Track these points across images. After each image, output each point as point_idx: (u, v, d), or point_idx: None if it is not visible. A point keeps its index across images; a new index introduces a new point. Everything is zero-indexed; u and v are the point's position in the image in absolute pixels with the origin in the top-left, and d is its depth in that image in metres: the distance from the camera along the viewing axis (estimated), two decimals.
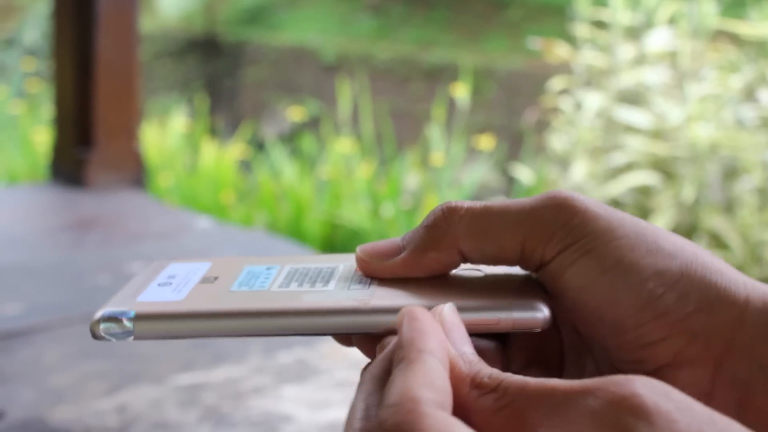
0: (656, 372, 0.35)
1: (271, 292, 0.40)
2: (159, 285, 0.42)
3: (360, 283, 0.40)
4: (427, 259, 0.39)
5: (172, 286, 0.42)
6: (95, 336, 0.39)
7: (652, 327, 0.34)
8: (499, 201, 0.38)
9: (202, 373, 1.10)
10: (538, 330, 0.36)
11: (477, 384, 0.31)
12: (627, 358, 0.36)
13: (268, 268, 0.43)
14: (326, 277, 0.41)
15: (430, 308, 0.36)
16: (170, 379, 1.08)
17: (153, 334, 0.39)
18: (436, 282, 0.40)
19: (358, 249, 0.41)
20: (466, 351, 0.33)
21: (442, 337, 0.33)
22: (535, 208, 0.37)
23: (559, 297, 0.37)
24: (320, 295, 0.39)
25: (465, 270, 0.41)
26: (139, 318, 0.39)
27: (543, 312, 0.36)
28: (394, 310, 0.37)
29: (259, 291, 0.40)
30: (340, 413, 0.98)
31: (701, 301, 0.35)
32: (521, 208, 0.37)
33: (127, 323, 0.39)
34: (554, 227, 0.36)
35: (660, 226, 0.38)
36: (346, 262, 0.43)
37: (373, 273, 0.41)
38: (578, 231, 0.36)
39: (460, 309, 0.36)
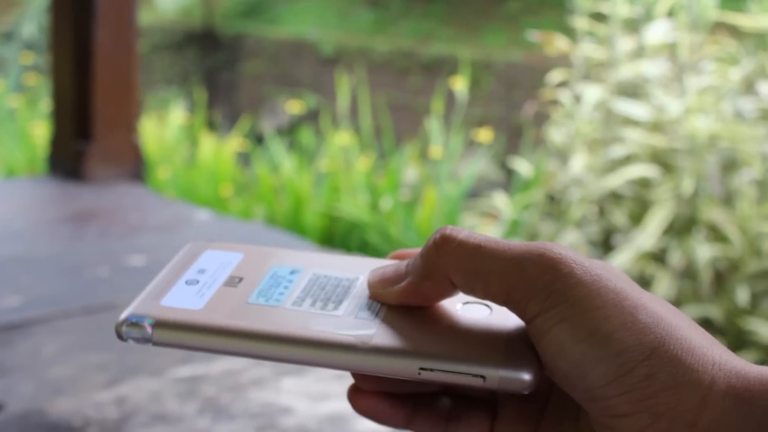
0: None
1: (283, 310, 0.41)
2: (186, 283, 0.44)
3: (369, 309, 0.41)
4: (424, 288, 0.40)
5: (198, 285, 0.43)
6: (120, 337, 0.41)
7: (617, 402, 0.35)
8: (492, 241, 0.38)
9: (201, 365, 1.10)
10: (525, 392, 0.37)
11: None
12: (599, 421, 0.36)
13: (291, 272, 0.44)
14: (341, 295, 0.43)
15: (421, 353, 0.38)
16: (169, 372, 1.08)
17: (169, 342, 0.41)
18: (439, 317, 0.41)
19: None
20: None
21: None
22: (522, 263, 0.37)
23: (541, 355, 0.37)
24: (326, 322, 0.40)
25: (473, 303, 0.42)
26: (157, 325, 0.41)
27: (527, 376, 0.37)
28: (392, 352, 0.38)
29: (272, 307, 0.42)
30: (338, 405, 0.98)
31: (668, 380, 0.34)
32: (510, 257, 0.37)
33: (147, 329, 0.41)
34: (536, 288, 0.36)
35: (643, 291, 0.38)
36: (365, 273, 0.44)
37: (379, 299, 0.42)
38: (557, 296, 0.36)
39: (449, 359, 0.38)
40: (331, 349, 0.39)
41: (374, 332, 0.39)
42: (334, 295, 0.42)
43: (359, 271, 0.44)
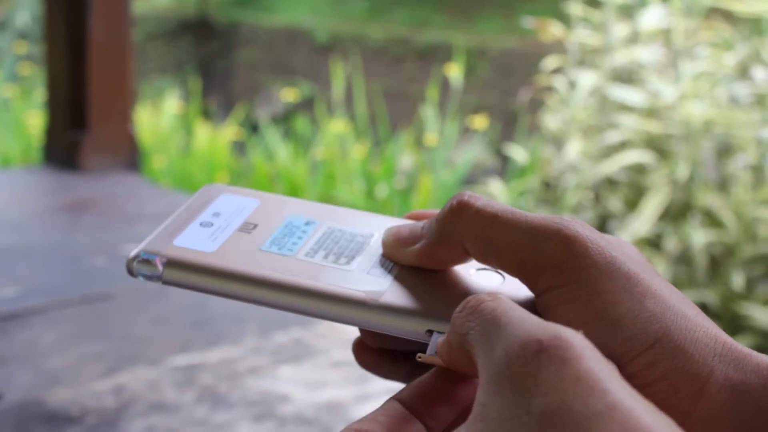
0: None
1: (295, 260, 0.41)
2: (201, 224, 0.43)
3: (382, 267, 0.41)
4: (438, 253, 0.40)
5: (212, 228, 0.43)
6: (130, 272, 0.42)
7: None
8: (509, 211, 0.38)
9: (199, 354, 1.10)
10: None
11: None
12: None
13: (306, 223, 0.44)
14: (354, 250, 0.42)
15: (430, 315, 0.38)
16: (167, 361, 1.08)
17: (179, 282, 0.40)
18: (451, 281, 0.40)
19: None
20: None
21: None
22: (537, 237, 0.37)
23: None
24: (338, 276, 0.40)
25: (487, 270, 0.41)
26: (169, 264, 0.41)
27: None
28: (401, 312, 0.38)
29: (285, 256, 0.41)
30: (336, 393, 0.98)
31: (667, 370, 0.35)
32: (526, 230, 0.37)
33: (159, 267, 0.41)
34: (548, 264, 0.36)
35: (656, 275, 0.37)
36: (380, 231, 0.43)
37: (392, 259, 0.41)
38: (569, 275, 0.36)
39: None
40: (340, 303, 0.39)
41: (385, 290, 0.39)
42: (347, 249, 0.42)
43: (375, 228, 0.44)
